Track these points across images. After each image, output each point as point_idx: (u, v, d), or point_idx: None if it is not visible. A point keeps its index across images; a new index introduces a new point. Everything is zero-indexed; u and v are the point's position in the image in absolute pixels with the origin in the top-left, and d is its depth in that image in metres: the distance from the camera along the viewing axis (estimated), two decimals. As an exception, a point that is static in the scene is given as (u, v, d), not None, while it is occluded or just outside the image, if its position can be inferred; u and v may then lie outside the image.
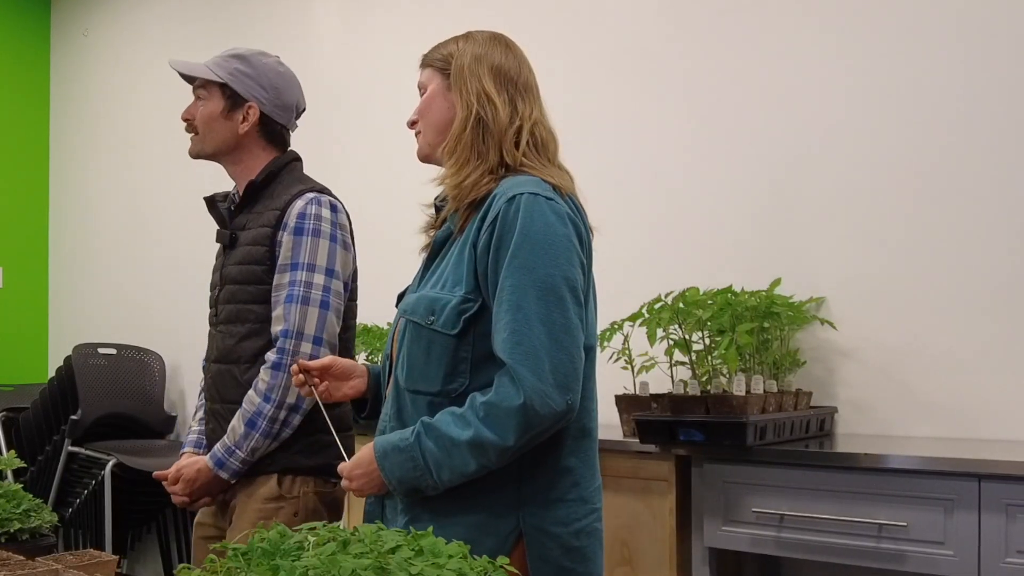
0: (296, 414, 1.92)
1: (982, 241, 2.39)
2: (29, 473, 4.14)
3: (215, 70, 2.03)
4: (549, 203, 1.47)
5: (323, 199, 2.00)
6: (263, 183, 2.05)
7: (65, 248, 5.31)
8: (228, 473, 1.94)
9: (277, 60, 2.11)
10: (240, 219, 2.06)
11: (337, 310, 1.97)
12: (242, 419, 1.92)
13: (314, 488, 1.96)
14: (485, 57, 1.59)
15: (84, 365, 4.25)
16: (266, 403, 1.90)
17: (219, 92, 2.03)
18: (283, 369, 1.89)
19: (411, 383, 1.53)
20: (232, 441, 1.93)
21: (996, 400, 2.34)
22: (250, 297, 1.99)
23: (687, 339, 2.32)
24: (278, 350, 1.91)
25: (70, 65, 5.33)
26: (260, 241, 1.98)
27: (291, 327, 1.91)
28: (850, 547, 2.06)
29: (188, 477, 1.97)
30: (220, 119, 2.03)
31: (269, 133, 2.07)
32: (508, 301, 1.43)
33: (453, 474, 1.43)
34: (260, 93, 2.04)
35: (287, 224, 1.96)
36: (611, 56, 3.12)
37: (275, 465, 1.94)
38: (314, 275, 1.93)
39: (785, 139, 2.72)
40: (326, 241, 1.96)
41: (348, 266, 2.04)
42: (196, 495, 1.98)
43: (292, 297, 1.92)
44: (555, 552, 1.48)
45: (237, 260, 2.02)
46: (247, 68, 2.04)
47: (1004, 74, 2.38)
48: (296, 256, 1.94)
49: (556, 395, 1.41)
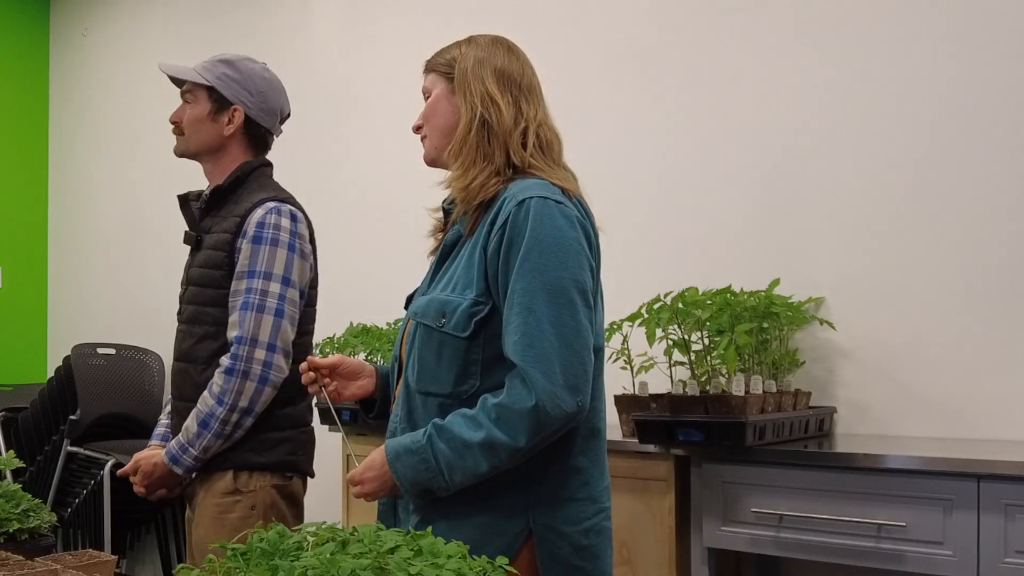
0: (248, 417, 1.99)
1: (981, 241, 2.39)
2: (28, 473, 4.13)
3: (203, 74, 2.11)
4: (559, 207, 1.49)
5: (283, 208, 2.06)
6: (229, 188, 2.12)
7: (64, 248, 5.31)
8: (181, 469, 2.03)
9: (264, 67, 2.18)
10: (207, 222, 2.13)
11: (292, 317, 2.04)
12: (196, 419, 2.00)
13: (270, 482, 2.04)
14: (488, 60, 1.60)
15: (83, 365, 4.24)
16: (219, 406, 1.97)
17: (206, 95, 2.11)
18: (236, 374, 1.97)
19: (422, 385, 1.55)
20: (186, 439, 2.01)
21: (995, 400, 2.34)
22: (209, 300, 2.06)
23: (686, 339, 2.32)
24: (232, 356, 1.98)
25: (69, 65, 5.32)
26: (220, 247, 2.05)
27: (246, 334, 1.98)
28: (849, 547, 2.06)
29: (145, 470, 2.07)
30: (206, 120, 2.11)
31: (253, 136, 2.16)
32: (519, 304, 1.44)
33: (465, 475, 1.45)
34: (246, 97, 2.12)
35: (246, 232, 2.03)
36: (609, 56, 3.12)
37: (229, 462, 2.03)
38: (270, 283, 2.01)
39: (784, 139, 2.72)
40: (283, 250, 2.03)
41: (305, 275, 2.10)
42: (152, 487, 2.08)
43: (248, 304, 1.99)
44: (565, 551, 1.49)
45: (200, 263, 2.10)
46: (234, 73, 2.11)
47: (1004, 74, 2.38)
48: (253, 264, 2.01)
49: (567, 396, 1.42)
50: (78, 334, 4.89)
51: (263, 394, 1.99)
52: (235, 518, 2.00)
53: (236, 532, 1.96)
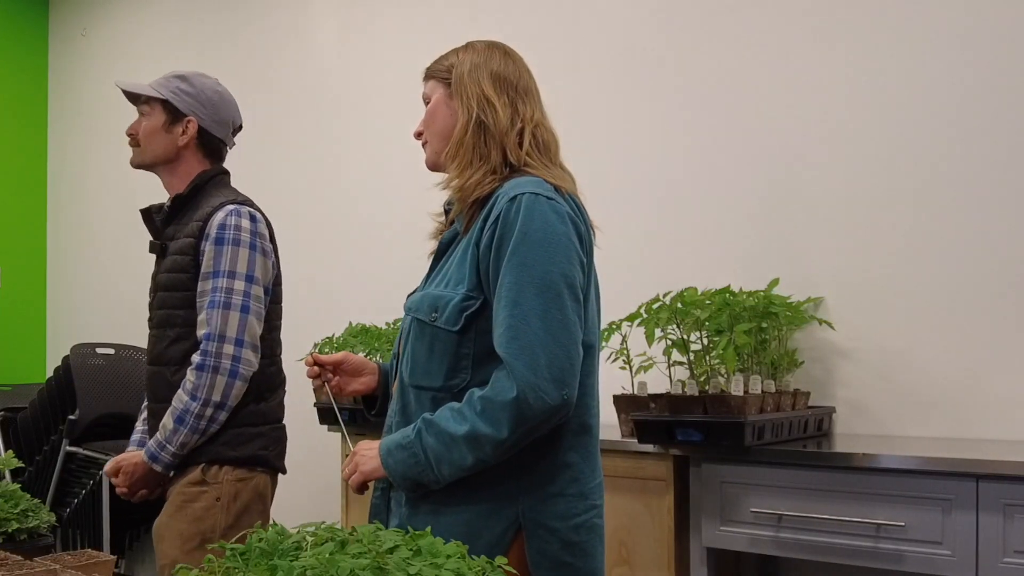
0: (221, 411, 2.06)
1: (980, 241, 2.39)
2: (27, 473, 4.13)
3: (158, 89, 2.21)
4: (550, 203, 1.50)
5: (242, 210, 2.14)
6: (189, 195, 2.20)
7: (63, 248, 5.31)
8: (161, 466, 2.09)
9: (216, 81, 2.28)
10: (170, 230, 2.21)
11: (257, 313, 2.11)
12: (171, 416, 2.06)
13: (236, 476, 2.10)
14: (484, 64, 1.63)
15: (82, 365, 4.24)
16: (192, 401, 2.04)
17: (161, 108, 2.21)
18: (207, 369, 2.04)
19: (414, 379, 1.57)
20: (163, 437, 2.07)
21: (994, 400, 2.34)
22: (177, 303, 2.13)
23: (685, 339, 2.33)
24: (202, 352, 2.05)
25: (68, 65, 5.32)
26: (185, 251, 2.12)
27: (214, 330, 2.05)
28: (848, 547, 2.06)
29: (127, 470, 2.13)
30: (161, 132, 2.20)
31: (206, 146, 2.24)
32: (507, 297, 1.46)
33: (452, 468, 1.46)
34: (199, 109, 2.21)
35: (209, 234, 2.10)
36: (608, 57, 3.12)
37: (203, 455, 2.09)
38: (234, 281, 2.08)
39: (783, 139, 2.72)
40: (245, 249, 2.10)
41: (268, 272, 2.17)
42: (135, 487, 2.14)
43: (214, 303, 2.06)
44: (554, 546, 1.50)
45: (167, 268, 2.16)
46: (187, 87, 2.21)
47: (1005, 76, 2.38)
48: (217, 264, 2.08)
49: (551, 389, 1.42)
50: (77, 334, 4.89)
51: (234, 387, 2.06)
52: (199, 508, 2.07)
53: (197, 522, 2.06)
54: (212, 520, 2.07)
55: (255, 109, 4.13)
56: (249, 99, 2.77)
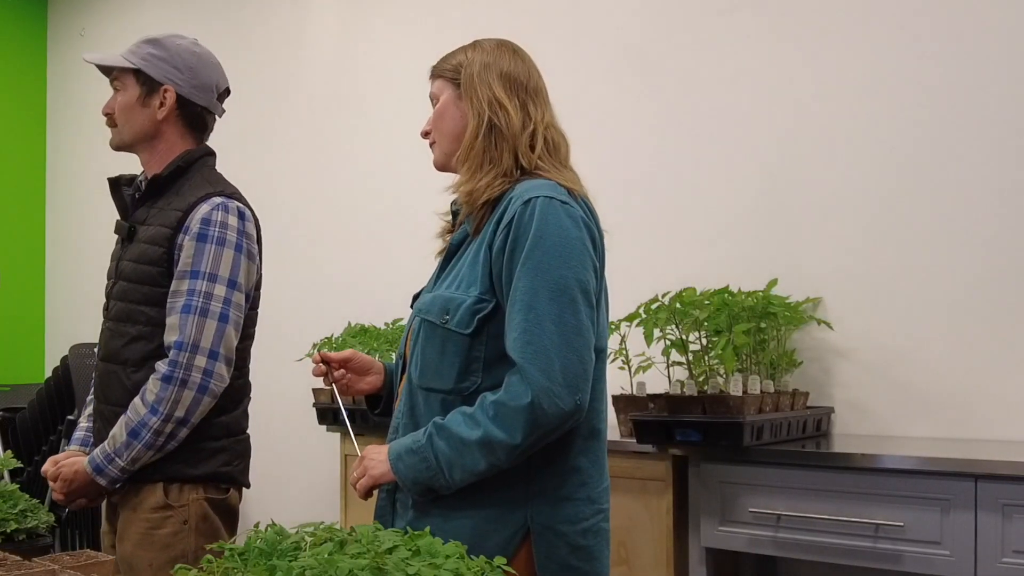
0: (183, 428, 1.84)
1: (979, 242, 2.39)
2: (26, 473, 4.12)
3: (128, 57, 1.96)
4: (564, 207, 1.50)
5: (231, 205, 1.91)
6: (169, 177, 1.96)
7: (62, 248, 5.31)
8: (106, 480, 1.85)
9: (193, 41, 2.03)
10: (141, 212, 1.98)
11: (236, 323, 1.89)
12: (125, 428, 1.83)
13: (203, 495, 1.89)
14: (494, 64, 1.61)
15: (80, 365, 4.24)
16: (152, 415, 1.81)
17: (134, 79, 1.96)
18: (174, 382, 1.81)
19: (424, 381, 1.55)
20: (112, 448, 1.84)
21: (993, 400, 2.34)
22: (143, 298, 1.90)
23: (684, 339, 2.33)
24: (170, 362, 1.82)
25: (67, 65, 5.32)
26: (158, 241, 1.89)
27: (186, 339, 1.82)
28: (847, 547, 2.06)
29: (66, 476, 1.89)
30: (137, 107, 1.96)
31: (189, 117, 1.99)
32: (521, 302, 1.45)
33: (464, 473, 1.45)
34: (175, 75, 1.96)
35: (189, 228, 1.87)
36: (607, 57, 3.12)
37: (159, 474, 1.86)
38: (215, 286, 1.85)
39: (782, 139, 2.72)
40: (230, 251, 1.88)
41: (252, 277, 1.95)
42: (72, 496, 1.90)
43: (190, 307, 1.83)
44: (562, 550, 1.50)
45: (133, 257, 1.93)
46: (160, 51, 1.96)
47: (1002, 74, 2.39)
48: (197, 264, 1.86)
49: (565, 394, 1.42)
50: (75, 334, 4.88)
51: (201, 404, 1.83)
52: (166, 534, 1.85)
53: (167, 549, 1.84)
54: (182, 545, 1.85)
55: (255, 109, 4.14)
56: (249, 99, 2.78)
